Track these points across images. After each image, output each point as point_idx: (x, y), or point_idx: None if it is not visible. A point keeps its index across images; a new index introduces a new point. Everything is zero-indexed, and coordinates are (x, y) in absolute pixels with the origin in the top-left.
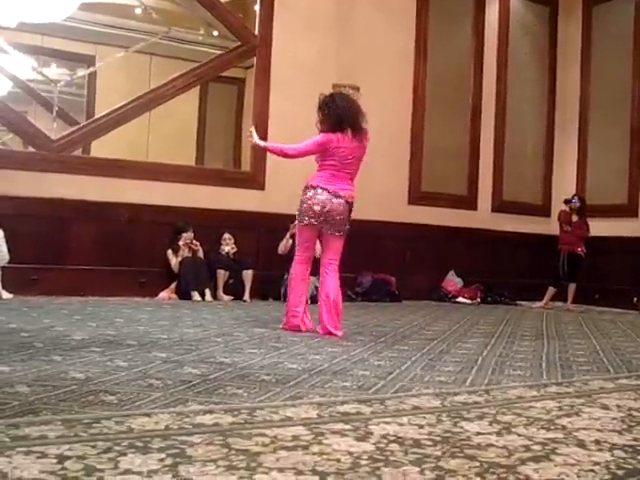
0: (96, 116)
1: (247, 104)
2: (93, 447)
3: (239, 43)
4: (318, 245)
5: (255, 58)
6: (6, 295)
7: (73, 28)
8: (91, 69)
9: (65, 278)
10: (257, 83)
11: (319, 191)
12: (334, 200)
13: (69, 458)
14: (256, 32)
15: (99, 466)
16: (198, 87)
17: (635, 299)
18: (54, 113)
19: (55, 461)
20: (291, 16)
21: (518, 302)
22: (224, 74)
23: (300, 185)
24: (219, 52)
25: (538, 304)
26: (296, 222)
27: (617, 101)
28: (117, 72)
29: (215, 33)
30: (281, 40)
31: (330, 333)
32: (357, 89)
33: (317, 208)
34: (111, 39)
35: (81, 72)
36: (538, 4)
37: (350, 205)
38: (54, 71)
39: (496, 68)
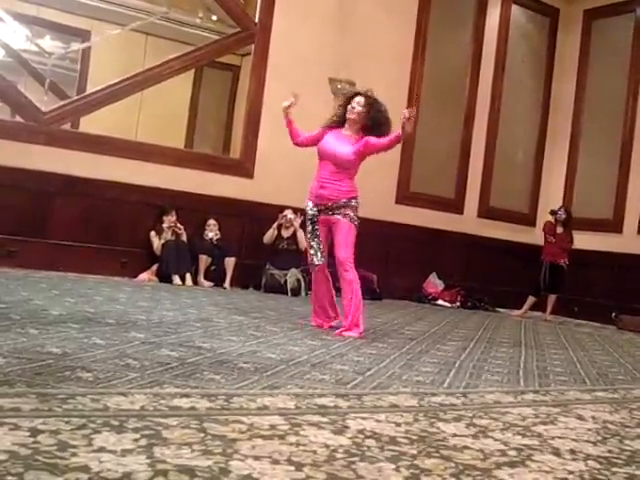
0: (88, 91)
1: (241, 91)
2: (67, 423)
3: (238, 29)
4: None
5: (253, 44)
6: None
7: (69, 1)
8: (86, 44)
9: (45, 252)
10: (253, 68)
11: None
12: None
13: (42, 432)
14: (256, 19)
15: (72, 442)
16: (193, 71)
17: (614, 314)
18: (46, 86)
19: (28, 434)
20: (292, 5)
21: (497, 309)
22: (220, 60)
23: (290, 177)
24: (216, 37)
25: (517, 312)
26: (285, 212)
27: (610, 115)
28: (112, 49)
29: (214, 18)
30: (281, 28)
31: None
32: (353, 84)
33: None
34: (108, 15)
35: (75, 46)
36: (539, 14)
37: None
38: (48, 43)
39: (492, 74)
